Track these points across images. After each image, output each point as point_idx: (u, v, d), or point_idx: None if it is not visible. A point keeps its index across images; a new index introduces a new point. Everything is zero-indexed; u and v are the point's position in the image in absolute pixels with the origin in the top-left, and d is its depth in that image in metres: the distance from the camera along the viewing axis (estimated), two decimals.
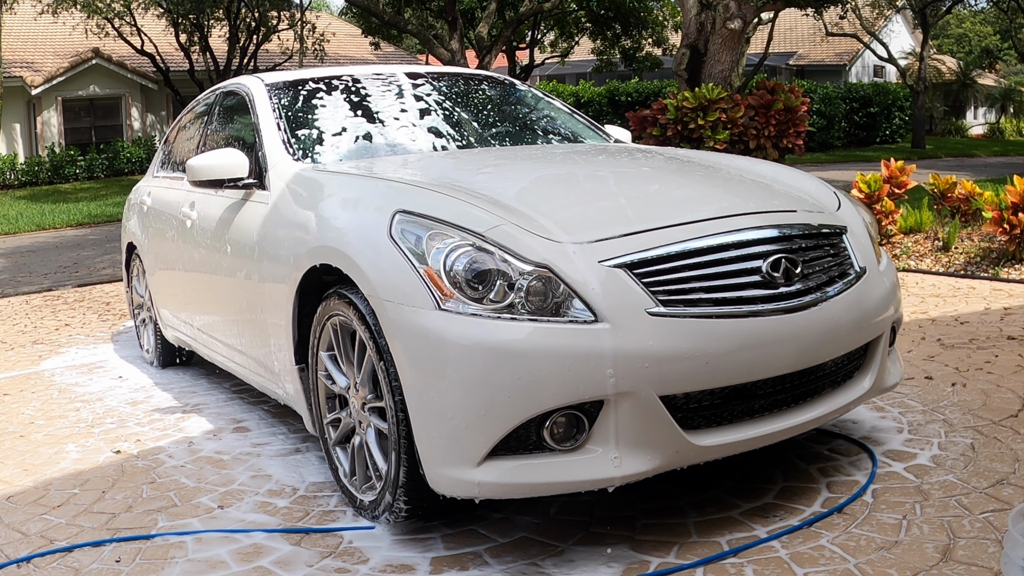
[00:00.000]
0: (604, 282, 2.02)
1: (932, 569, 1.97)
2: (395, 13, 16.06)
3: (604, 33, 20.61)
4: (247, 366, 3.08)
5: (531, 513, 2.36)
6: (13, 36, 19.87)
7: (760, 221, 2.26)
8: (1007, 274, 5.26)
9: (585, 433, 2.02)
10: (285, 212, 2.69)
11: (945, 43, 39.99)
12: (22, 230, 11.79)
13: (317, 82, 3.40)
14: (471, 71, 3.84)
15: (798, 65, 27.53)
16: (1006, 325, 4.12)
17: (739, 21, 9.26)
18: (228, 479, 2.77)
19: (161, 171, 4.22)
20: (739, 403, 2.16)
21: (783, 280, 2.17)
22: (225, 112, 3.62)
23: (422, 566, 2.13)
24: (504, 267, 2.03)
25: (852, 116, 23.46)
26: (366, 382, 2.30)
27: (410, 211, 2.20)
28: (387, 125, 3.17)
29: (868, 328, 2.38)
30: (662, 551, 2.12)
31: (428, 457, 2.07)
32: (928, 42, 23.18)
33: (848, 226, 2.49)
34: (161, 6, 18.32)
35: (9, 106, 18.50)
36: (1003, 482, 2.38)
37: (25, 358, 4.60)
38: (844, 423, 2.89)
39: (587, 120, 3.70)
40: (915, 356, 3.66)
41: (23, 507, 2.64)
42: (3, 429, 3.43)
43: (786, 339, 2.14)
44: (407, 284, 2.08)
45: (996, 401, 3.04)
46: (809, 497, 2.37)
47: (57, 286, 6.97)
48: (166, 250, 3.76)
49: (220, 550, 2.28)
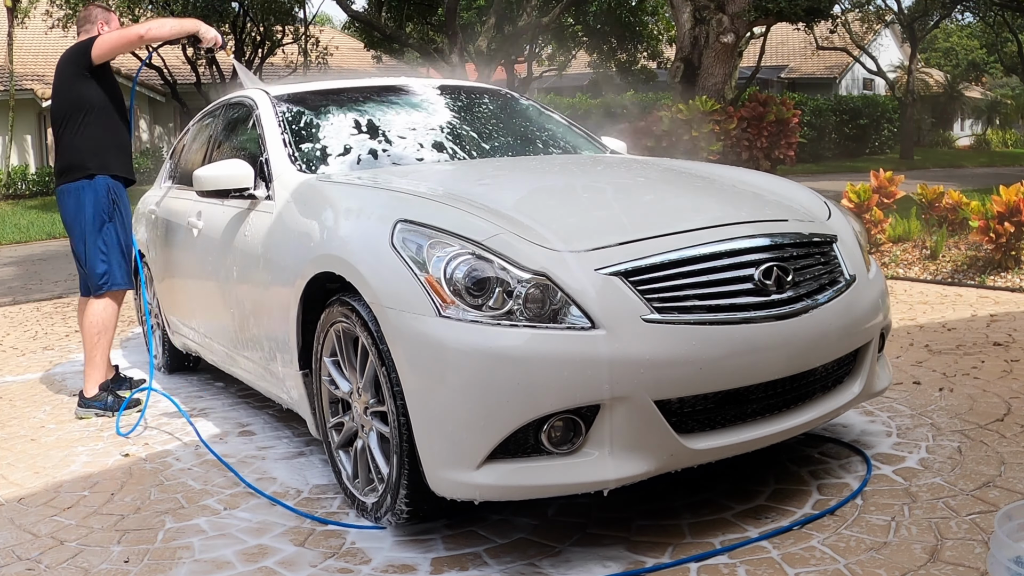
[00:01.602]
0: (600, 289, 2.06)
1: (920, 569, 2.01)
2: (397, 27, 16.17)
3: (600, 47, 20.76)
4: (252, 371, 3.13)
5: (529, 515, 2.40)
6: (25, 50, 19.97)
7: (752, 230, 2.31)
8: (993, 282, 5.34)
9: (582, 437, 2.06)
10: (289, 221, 2.74)
11: (933, 56, 40.30)
12: (33, 239, 11.85)
13: (321, 94, 3.46)
14: (472, 84, 3.90)
15: (789, 78, 27.72)
16: (992, 331, 4.19)
17: (732, 35, 9.37)
18: (234, 481, 2.81)
19: (169, 181, 4.27)
20: (732, 407, 2.20)
21: (775, 288, 2.21)
22: (231, 123, 3.67)
23: (423, 566, 2.17)
24: (503, 275, 2.07)
25: (842, 128, 23.63)
26: (368, 387, 2.34)
27: (411, 220, 2.25)
28: (389, 136, 3.23)
29: (858, 334, 2.42)
30: (657, 552, 2.17)
31: (429, 460, 2.11)
32: (916, 55, 23.38)
33: (838, 235, 2.54)
34: None
35: (21, 118, 18.65)
36: (989, 484, 2.43)
37: (36, 363, 4.65)
38: (834, 427, 2.94)
39: (584, 131, 3.77)
40: (903, 362, 3.72)
41: (34, 509, 2.69)
42: (15, 432, 3.47)
43: (778, 345, 2.18)
44: (408, 291, 2.13)
45: (982, 405, 3.10)
46: (800, 499, 2.42)
47: (67, 293, 7.03)
48: (173, 258, 3.80)
49: (226, 551, 2.32)
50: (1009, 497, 2.34)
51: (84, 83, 3.54)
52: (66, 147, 3.58)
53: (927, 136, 28.70)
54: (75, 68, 3.55)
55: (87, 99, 3.55)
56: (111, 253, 3.58)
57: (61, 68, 3.60)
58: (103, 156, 3.57)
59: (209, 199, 3.29)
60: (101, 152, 3.57)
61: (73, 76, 3.55)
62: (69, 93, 3.56)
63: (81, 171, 3.55)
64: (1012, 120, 31.94)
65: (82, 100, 3.54)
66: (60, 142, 3.60)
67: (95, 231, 3.56)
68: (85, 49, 3.53)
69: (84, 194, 3.55)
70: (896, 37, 30.55)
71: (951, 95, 30.15)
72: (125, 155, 3.69)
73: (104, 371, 3.65)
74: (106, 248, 3.57)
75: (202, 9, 16.80)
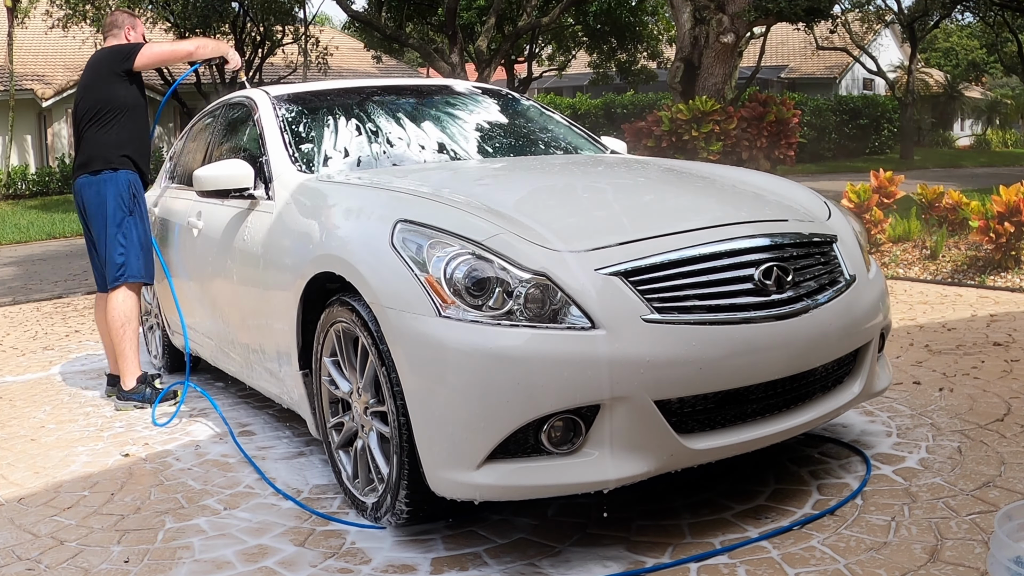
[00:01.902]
0: (600, 290, 2.07)
1: (920, 569, 2.01)
2: (397, 27, 16.19)
3: (600, 47, 20.78)
4: (252, 371, 3.13)
5: (529, 515, 2.40)
6: (24, 50, 19.99)
7: (752, 230, 2.31)
8: (993, 282, 5.35)
9: (582, 437, 2.06)
10: (289, 221, 2.74)
11: (933, 56, 40.32)
12: (33, 239, 11.87)
13: (321, 94, 3.46)
14: (472, 84, 3.90)
15: (789, 78, 27.73)
16: (992, 331, 4.19)
17: (732, 35, 9.38)
18: (234, 481, 2.81)
19: (168, 181, 4.27)
20: (732, 407, 2.21)
21: (775, 288, 2.22)
22: (231, 124, 3.68)
23: (423, 566, 2.17)
24: (503, 275, 2.07)
25: (842, 128, 23.63)
26: (368, 387, 2.35)
27: (411, 220, 2.25)
28: (389, 137, 3.23)
29: (858, 334, 2.42)
30: (657, 552, 2.17)
31: (429, 460, 2.11)
32: (916, 55, 23.38)
33: (838, 235, 2.54)
34: (168, 20, 18.39)
35: (21, 118, 18.66)
36: (989, 484, 2.43)
37: (36, 363, 4.65)
38: (834, 427, 2.94)
39: (584, 132, 3.77)
40: (903, 362, 3.72)
41: (34, 509, 2.69)
42: (15, 433, 3.47)
43: (778, 345, 2.19)
44: (408, 291, 2.13)
45: (982, 405, 3.10)
46: (800, 499, 2.42)
47: (67, 293, 7.04)
48: (173, 258, 3.81)
49: (226, 551, 2.32)
50: (1009, 497, 2.35)
51: (119, 84, 3.67)
52: (90, 142, 3.67)
53: (927, 136, 28.71)
54: (111, 68, 3.67)
55: (119, 99, 3.67)
56: (130, 246, 3.64)
57: (96, 66, 3.72)
58: (128, 153, 3.68)
59: (209, 199, 3.29)
60: (126, 149, 3.67)
61: (108, 75, 3.67)
62: (101, 92, 3.67)
63: (104, 164, 3.64)
64: (1012, 120, 31.96)
65: (114, 100, 3.66)
66: (84, 137, 3.69)
67: (115, 224, 3.63)
68: (127, 54, 3.68)
69: (106, 187, 3.63)
70: (896, 37, 30.56)
71: (951, 95, 30.16)
72: (146, 156, 3.81)
73: (136, 363, 3.70)
74: (125, 241, 3.64)
75: (202, 9, 16.82)
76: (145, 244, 3.72)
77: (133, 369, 3.68)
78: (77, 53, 20.32)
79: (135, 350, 3.69)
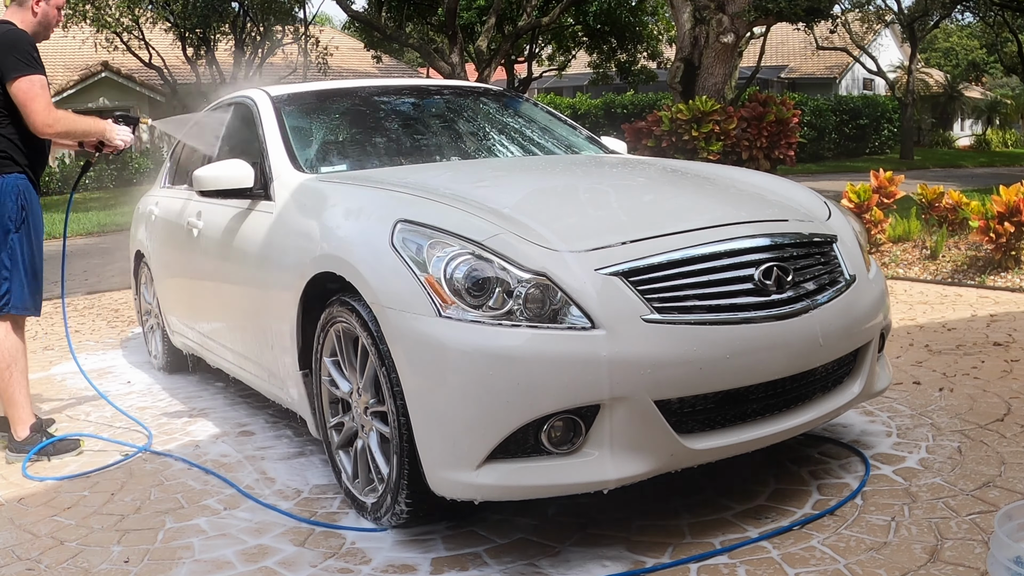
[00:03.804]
0: (600, 290, 2.07)
1: (920, 569, 2.01)
2: (396, 27, 16.22)
3: (600, 47, 20.80)
4: (252, 371, 3.13)
5: (529, 515, 2.41)
6: None
7: (752, 230, 2.31)
8: (993, 282, 5.35)
9: (582, 437, 2.06)
10: (290, 221, 2.74)
11: (933, 56, 40.34)
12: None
13: (321, 94, 3.46)
14: (472, 84, 3.91)
15: (789, 78, 27.75)
16: (992, 331, 4.19)
17: (732, 35, 9.38)
18: (234, 482, 2.81)
19: (168, 181, 4.27)
20: (732, 407, 2.21)
21: (775, 288, 2.22)
22: (231, 124, 3.67)
23: (423, 566, 2.17)
24: (503, 275, 2.07)
25: (842, 128, 23.65)
26: (368, 387, 2.35)
27: (411, 220, 2.25)
28: (389, 137, 3.23)
29: (858, 334, 2.43)
30: (657, 552, 2.17)
31: (429, 460, 2.11)
32: (916, 55, 23.40)
33: (838, 235, 2.54)
34: (168, 20, 18.42)
35: None
36: (989, 484, 2.43)
37: (36, 363, 4.64)
38: (834, 427, 2.94)
39: (584, 132, 3.77)
40: (903, 362, 3.72)
41: (34, 509, 2.69)
42: None
43: (778, 345, 2.19)
44: (408, 291, 2.13)
45: (982, 405, 3.10)
46: (800, 499, 2.42)
47: (68, 293, 7.02)
48: (173, 258, 3.81)
49: (226, 551, 2.32)
50: (1009, 497, 2.35)
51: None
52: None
53: (927, 136, 28.73)
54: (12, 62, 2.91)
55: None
56: (14, 270, 2.99)
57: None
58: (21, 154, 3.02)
59: (209, 199, 3.29)
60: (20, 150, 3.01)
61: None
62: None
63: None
64: (1012, 120, 31.98)
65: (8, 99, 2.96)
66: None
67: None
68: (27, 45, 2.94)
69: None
70: (896, 37, 30.57)
71: (951, 95, 30.18)
72: (42, 163, 3.15)
73: (29, 409, 3.10)
74: (10, 263, 2.99)
75: (202, 9, 16.83)
76: (33, 268, 3.04)
77: (25, 416, 3.07)
78: (77, 53, 20.37)
79: (26, 394, 3.08)
